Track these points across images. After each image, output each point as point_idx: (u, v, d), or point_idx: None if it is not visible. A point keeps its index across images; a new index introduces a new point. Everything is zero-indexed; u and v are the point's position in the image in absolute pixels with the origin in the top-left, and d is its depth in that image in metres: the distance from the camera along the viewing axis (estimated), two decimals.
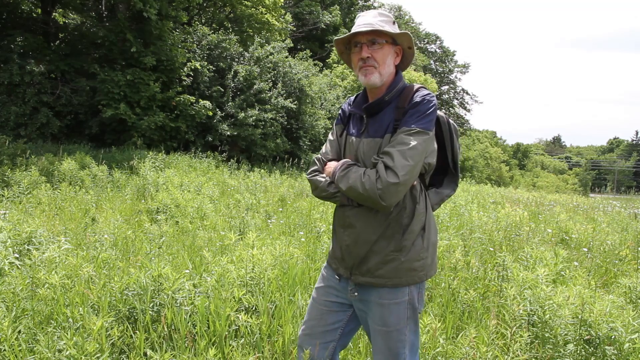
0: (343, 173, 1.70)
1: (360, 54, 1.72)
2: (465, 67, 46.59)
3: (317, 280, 1.98)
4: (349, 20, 35.26)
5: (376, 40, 1.71)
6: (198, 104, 14.28)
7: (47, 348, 2.16)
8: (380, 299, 1.72)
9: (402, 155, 1.58)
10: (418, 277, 1.71)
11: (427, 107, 1.66)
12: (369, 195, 1.59)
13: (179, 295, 2.71)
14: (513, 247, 4.84)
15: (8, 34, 13.05)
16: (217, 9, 19.86)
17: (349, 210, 1.76)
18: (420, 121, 1.63)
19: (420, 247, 1.71)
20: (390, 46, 1.74)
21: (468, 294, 3.23)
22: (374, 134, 1.74)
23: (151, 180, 8.02)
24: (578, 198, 15.81)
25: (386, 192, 1.57)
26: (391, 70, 1.76)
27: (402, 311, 1.72)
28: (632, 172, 73.49)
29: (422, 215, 1.72)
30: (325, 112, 20.36)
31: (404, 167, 1.56)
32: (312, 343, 1.87)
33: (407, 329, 1.73)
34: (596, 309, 2.49)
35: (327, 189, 1.78)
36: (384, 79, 1.74)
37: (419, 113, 1.65)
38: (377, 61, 1.71)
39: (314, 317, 1.90)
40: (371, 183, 1.59)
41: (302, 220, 5.97)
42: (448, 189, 1.92)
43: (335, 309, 1.87)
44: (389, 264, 1.69)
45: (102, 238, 4.01)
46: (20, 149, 9.76)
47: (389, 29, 1.70)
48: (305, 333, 1.91)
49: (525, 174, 64.11)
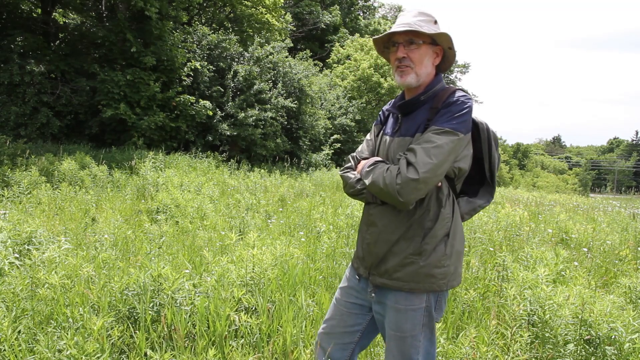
0: (370, 169, 1.69)
1: (397, 54, 1.69)
2: (465, 67, 46.58)
3: (340, 280, 1.98)
4: (349, 20, 35.26)
5: (413, 40, 1.67)
6: (198, 104, 14.27)
7: (47, 348, 2.16)
8: (397, 303, 1.68)
9: (426, 153, 1.54)
10: (437, 285, 1.65)
11: (460, 108, 1.62)
12: (388, 191, 1.57)
13: (178, 295, 2.71)
14: (513, 247, 4.84)
15: (8, 34, 13.04)
16: (217, 9, 19.85)
17: (373, 208, 1.75)
18: (451, 121, 1.59)
19: (442, 254, 1.64)
20: (429, 46, 1.70)
21: (468, 294, 3.22)
22: (405, 132, 1.72)
23: (151, 180, 8.02)
24: (578, 198, 15.82)
25: (405, 188, 1.54)
26: (429, 70, 1.72)
27: (418, 318, 1.67)
28: (632, 172, 73.47)
29: (447, 221, 1.66)
30: (325, 112, 20.36)
31: (425, 165, 1.52)
32: (330, 342, 1.87)
33: (422, 336, 1.69)
34: (596, 309, 2.49)
35: (355, 186, 1.77)
36: (421, 80, 1.71)
37: (450, 113, 1.61)
38: (414, 61, 1.68)
39: (334, 317, 1.90)
40: (391, 178, 1.57)
41: (302, 220, 5.97)
42: (482, 200, 1.85)
43: (356, 311, 1.85)
44: (407, 267, 1.65)
45: (102, 238, 4.01)
46: (20, 149, 9.76)
47: (427, 29, 1.66)
48: (325, 332, 1.91)
49: (525, 174, 64.07)
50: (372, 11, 41.62)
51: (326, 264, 4.03)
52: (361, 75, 23.42)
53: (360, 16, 38.20)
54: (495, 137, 1.79)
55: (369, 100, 23.70)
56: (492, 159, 1.79)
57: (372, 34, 31.81)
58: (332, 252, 4.26)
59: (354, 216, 5.41)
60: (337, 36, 31.19)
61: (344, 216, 5.54)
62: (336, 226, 5.29)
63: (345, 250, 4.28)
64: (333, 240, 4.54)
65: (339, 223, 5.35)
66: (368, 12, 41.30)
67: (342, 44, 28.57)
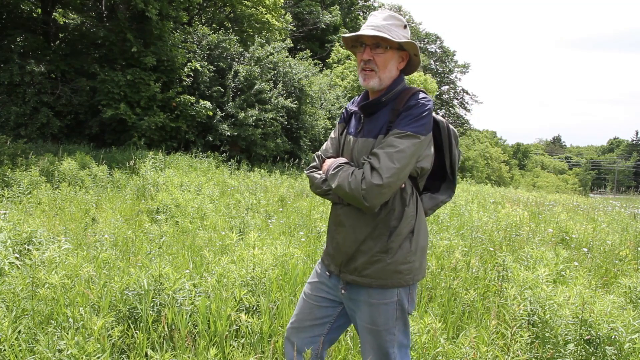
0: (334, 171, 1.72)
1: (363, 56, 1.72)
2: (465, 67, 46.61)
3: (310, 276, 2.00)
4: (349, 20, 35.26)
5: (380, 44, 1.70)
6: (198, 104, 14.28)
7: (48, 348, 2.16)
8: (370, 298, 1.73)
9: (389, 158, 1.58)
10: (404, 280, 1.71)
11: (421, 110, 1.65)
12: (354, 195, 1.61)
13: (179, 295, 2.71)
14: (513, 247, 4.84)
15: (8, 34, 13.05)
16: (217, 9, 19.86)
17: (340, 208, 1.80)
18: (412, 124, 1.63)
19: (408, 251, 1.71)
20: (395, 51, 1.73)
21: (468, 294, 3.23)
22: (367, 134, 1.75)
23: (151, 180, 8.02)
24: (578, 198, 15.82)
25: (369, 193, 1.58)
26: (393, 74, 1.75)
27: (391, 312, 1.73)
28: (632, 172, 73.51)
29: (411, 219, 1.72)
30: (325, 112, 20.36)
31: (389, 170, 1.57)
32: (299, 337, 1.90)
33: (396, 329, 1.74)
34: (596, 309, 2.50)
35: (321, 186, 1.81)
36: (384, 84, 1.74)
37: (411, 116, 1.64)
38: (378, 65, 1.71)
39: (303, 311, 1.93)
40: (356, 183, 1.61)
41: (302, 220, 5.98)
42: (444, 195, 1.92)
43: (325, 305, 1.89)
44: (375, 264, 1.70)
45: (102, 238, 4.01)
46: (21, 149, 9.76)
47: (396, 35, 1.69)
48: (294, 326, 1.93)
49: (525, 174, 64.08)
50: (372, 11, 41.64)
51: None
52: None
53: (360, 16, 38.19)
54: (455, 134, 1.86)
55: None
56: (453, 155, 1.87)
57: None
58: None
59: None
60: (337, 36, 31.19)
61: None
62: None
63: None
64: None
65: None
66: (368, 12, 41.29)
67: (342, 44, 28.57)
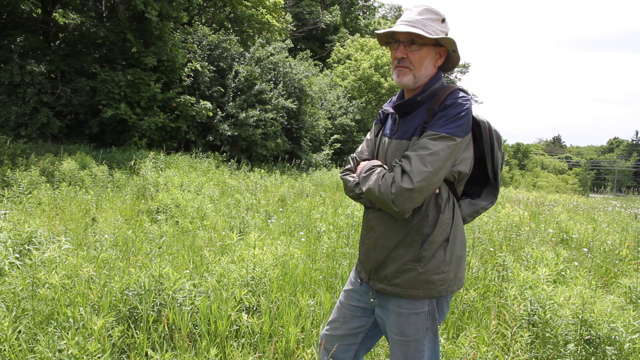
0: (366, 174, 1.64)
1: (396, 54, 1.63)
2: (465, 67, 46.57)
3: (340, 280, 1.97)
4: (349, 20, 35.25)
5: (415, 40, 1.59)
6: (198, 105, 14.28)
7: (48, 348, 2.16)
8: (399, 308, 1.65)
9: (421, 161, 1.48)
10: (437, 292, 1.61)
11: (458, 110, 1.54)
12: (383, 200, 1.53)
13: (179, 295, 2.71)
14: (513, 247, 4.84)
15: (8, 34, 13.04)
16: (217, 9, 19.85)
17: (371, 212, 1.72)
18: (447, 125, 1.52)
19: (442, 260, 1.60)
20: (432, 47, 1.62)
21: (468, 294, 3.22)
22: (402, 135, 1.66)
23: (151, 180, 8.02)
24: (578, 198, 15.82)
25: (399, 198, 1.49)
26: (429, 72, 1.65)
27: (422, 322, 1.64)
28: (632, 172, 73.45)
29: (446, 226, 1.61)
30: (325, 112, 20.37)
31: (420, 173, 1.47)
32: (334, 343, 1.86)
33: (426, 339, 1.65)
34: (597, 309, 2.50)
35: (353, 189, 1.73)
36: (419, 81, 1.64)
37: (447, 117, 1.54)
38: (413, 63, 1.61)
39: (338, 320, 1.89)
40: (386, 187, 1.52)
41: (302, 220, 5.98)
42: (485, 201, 1.78)
43: (358, 314, 1.83)
44: (406, 273, 1.61)
45: (102, 238, 4.01)
46: (21, 149, 9.76)
47: (432, 30, 1.58)
48: (329, 333, 1.90)
49: (525, 174, 64.04)
50: (372, 11, 41.62)
51: (326, 264, 4.03)
52: (361, 75, 23.43)
53: (360, 16, 38.19)
54: (498, 136, 1.72)
55: (369, 100, 23.71)
56: (495, 158, 1.72)
57: (372, 34, 31.79)
58: (332, 252, 4.26)
59: (354, 216, 5.41)
60: (337, 36, 31.19)
61: (344, 216, 5.54)
62: (336, 226, 5.29)
63: (346, 250, 4.28)
64: (333, 240, 4.54)
65: (339, 223, 5.35)
66: (368, 12, 41.30)
67: (342, 44, 28.57)
